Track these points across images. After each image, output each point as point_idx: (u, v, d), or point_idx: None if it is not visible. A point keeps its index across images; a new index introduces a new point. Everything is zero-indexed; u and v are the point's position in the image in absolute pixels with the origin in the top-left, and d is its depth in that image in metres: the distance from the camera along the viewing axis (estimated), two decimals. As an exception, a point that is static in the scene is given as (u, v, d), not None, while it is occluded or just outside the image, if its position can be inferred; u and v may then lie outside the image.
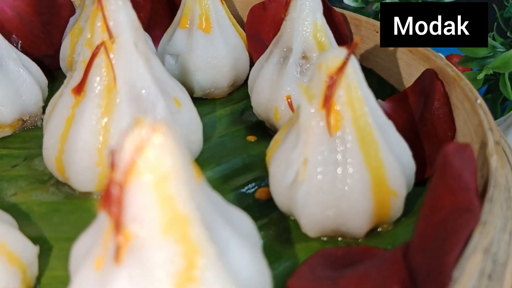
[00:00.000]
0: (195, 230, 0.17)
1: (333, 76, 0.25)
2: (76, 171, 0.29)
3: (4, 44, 0.37)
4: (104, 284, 0.18)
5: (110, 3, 0.27)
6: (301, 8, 0.34)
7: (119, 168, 0.16)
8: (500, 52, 0.58)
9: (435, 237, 0.18)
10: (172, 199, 0.17)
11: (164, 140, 0.16)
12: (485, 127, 0.26)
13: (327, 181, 0.26)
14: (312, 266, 0.23)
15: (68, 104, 0.29)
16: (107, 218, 0.17)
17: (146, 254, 0.17)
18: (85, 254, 0.19)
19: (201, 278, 0.17)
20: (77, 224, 0.29)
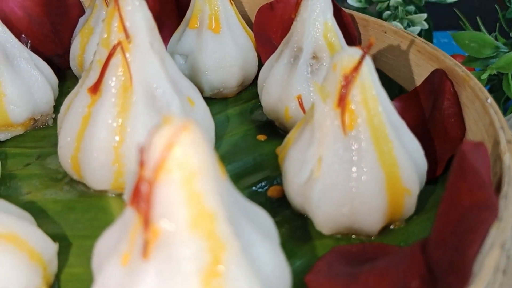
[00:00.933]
0: (220, 226, 0.18)
1: (348, 76, 0.25)
2: (92, 170, 0.29)
3: (16, 44, 0.38)
4: (131, 280, 0.18)
5: (127, 4, 0.27)
6: (312, 8, 0.35)
7: (149, 165, 0.17)
8: (503, 53, 0.59)
9: (455, 233, 0.18)
10: (200, 196, 0.17)
11: (193, 138, 0.16)
12: (496, 126, 0.27)
13: (342, 179, 0.26)
14: (328, 263, 0.23)
15: (84, 103, 0.29)
16: (134, 215, 0.18)
17: (174, 249, 0.17)
18: (110, 250, 0.20)
19: (226, 273, 0.18)
20: (93, 222, 0.30)
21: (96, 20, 0.41)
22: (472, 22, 0.68)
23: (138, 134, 0.29)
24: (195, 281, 0.18)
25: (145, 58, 0.29)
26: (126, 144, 0.29)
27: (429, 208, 0.29)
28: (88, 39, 0.41)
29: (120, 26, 0.27)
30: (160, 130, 0.17)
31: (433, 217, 0.29)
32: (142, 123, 0.29)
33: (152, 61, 0.29)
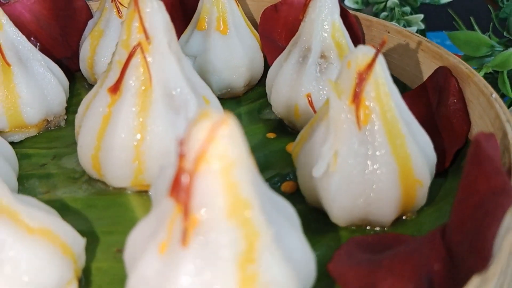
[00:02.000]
0: (255, 214, 0.19)
1: (362, 73, 0.26)
2: (113, 167, 0.30)
3: (29, 47, 0.38)
4: (170, 267, 0.19)
5: (147, 6, 0.28)
6: (320, 9, 0.36)
7: (189, 157, 0.18)
8: (498, 51, 0.60)
9: (474, 217, 0.19)
10: (236, 185, 0.18)
11: (231, 131, 0.17)
12: (502, 119, 0.28)
13: (357, 172, 0.27)
14: (348, 252, 0.24)
15: (104, 103, 0.30)
16: (172, 206, 0.19)
17: (212, 237, 0.18)
18: (146, 241, 0.20)
19: (259, 259, 0.19)
20: (114, 218, 0.31)
21: (106, 22, 0.42)
22: (464, 22, 0.70)
23: (157, 132, 0.30)
24: (232, 267, 0.18)
25: (164, 58, 0.30)
26: (146, 142, 0.29)
27: (439, 199, 0.31)
28: (98, 41, 0.42)
29: (140, 28, 0.28)
30: (199, 124, 0.18)
31: (442, 208, 0.30)
32: (161, 122, 0.30)
33: (170, 62, 0.30)
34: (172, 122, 0.30)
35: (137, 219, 0.30)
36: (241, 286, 0.19)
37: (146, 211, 0.31)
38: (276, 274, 0.19)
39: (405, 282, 0.20)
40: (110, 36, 0.42)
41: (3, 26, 0.37)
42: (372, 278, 0.21)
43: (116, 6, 0.41)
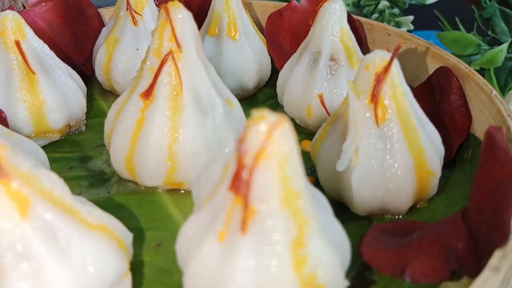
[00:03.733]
0: (304, 204, 0.21)
1: (379, 75, 0.29)
2: (147, 167, 0.32)
3: (51, 55, 0.40)
4: (230, 252, 0.21)
5: (177, 16, 0.30)
6: (330, 16, 0.38)
7: (248, 154, 0.20)
8: (484, 50, 0.64)
9: (491, 201, 0.22)
10: (288, 178, 0.20)
11: (285, 130, 0.20)
12: (504, 114, 0.31)
13: (377, 165, 0.30)
14: (374, 237, 0.27)
15: (137, 108, 0.32)
16: (231, 198, 0.21)
17: (268, 224, 0.21)
18: (201, 232, 0.23)
19: (308, 243, 0.21)
20: (148, 215, 0.32)
21: (121, 30, 0.44)
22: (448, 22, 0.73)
23: (188, 133, 0.32)
24: (285, 250, 0.21)
25: (192, 65, 0.32)
26: (179, 142, 0.32)
27: (447, 189, 0.33)
28: (114, 48, 0.44)
29: (172, 37, 0.30)
30: (258, 124, 0.20)
31: (451, 197, 0.33)
32: (191, 123, 0.32)
33: (198, 68, 0.32)
34: (201, 123, 0.32)
35: (170, 216, 0.33)
36: (294, 267, 0.21)
37: (179, 207, 0.33)
38: (323, 256, 0.22)
39: (434, 259, 0.22)
40: (125, 43, 0.43)
41: (25, 35, 0.38)
42: (403, 258, 0.23)
43: (131, 14, 0.43)
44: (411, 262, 0.23)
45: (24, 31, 0.38)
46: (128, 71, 0.44)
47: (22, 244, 0.21)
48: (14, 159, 0.21)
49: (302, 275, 0.21)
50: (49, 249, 0.21)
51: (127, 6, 0.43)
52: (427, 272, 0.22)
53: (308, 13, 0.50)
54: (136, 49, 0.43)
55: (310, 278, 0.21)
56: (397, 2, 0.73)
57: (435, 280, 0.22)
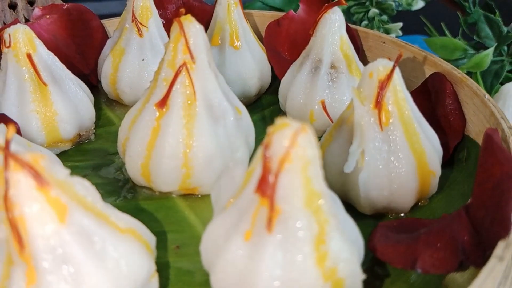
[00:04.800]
0: (324, 203, 0.23)
1: (383, 82, 0.31)
2: (163, 174, 0.33)
3: (61, 66, 0.41)
4: (256, 250, 0.23)
5: (190, 29, 0.32)
6: (330, 26, 0.40)
7: (273, 158, 0.22)
8: (471, 54, 0.67)
9: (492, 196, 0.24)
10: (310, 180, 0.22)
11: (308, 136, 0.22)
12: (497, 116, 0.33)
13: (382, 167, 0.32)
14: (382, 233, 0.29)
15: (153, 117, 0.33)
16: (256, 200, 0.23)
17: (292, 223, 0.22)
18: (227, 232, 0.24)
19: (329, 240, 0.23)
20: (165, 219, 0.34)
21: (127, 41, 0.45)
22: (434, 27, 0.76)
23: (202, 140, 0.33)
24: (308, 247, 0.23)
25: (205, 75, 0.33)
26: (193, 149, 0.33)
27: (446, 187, 0.36)
28: (120, 59, 0.45)
29: (186, 49, 0.32)
30: (282, 131, 0.21)
31: (449, 194, 0.35)
32: (205, 131, 0.33)
33: (210, 78, 0.34)
34: (214, 130, 0.34)
35: (187, 219, 0.34)
36: (316, 262, 0.23)
37: (194, 211, 0.35)
38: (342, 251, 0.23)
39: (442, 252, 0.24)
40: (131, 54, 0.45)
41: (36, 47, 0.40)
42: (413, 252, 0.25)
43: (137, 26, 0.45)
44: (421, 255, 0.25)
45: (35, 43, 0.39)
46: (135, 81, 0.45)
47: (61, 248, 0.22)
48: (52, 168, 0.22)
49: (324, 269, 0.23)
50: (86, 252, 0.23)
51: (132, 18, 0.44)
52: (437, 264, 0.24)
53: (305, 23, 0.52)
54: (142, 59, 0.45)
55: (331, 272, 0.23)
56: (386, 9, 0.75)
57: (444, 271, 0.24)
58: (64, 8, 0.49)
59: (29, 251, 0.22)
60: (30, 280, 0.22)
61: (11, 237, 0.22)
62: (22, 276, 0.22)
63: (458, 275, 0.27)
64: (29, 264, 0.22)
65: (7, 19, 0.55)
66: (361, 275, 0.24)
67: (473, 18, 0.74)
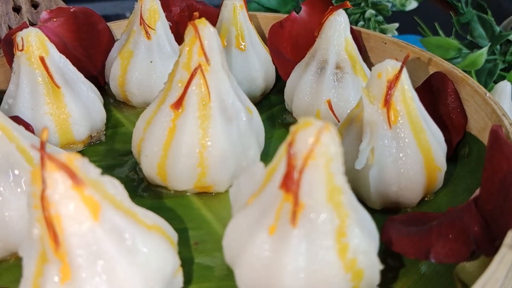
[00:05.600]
0: (344, 198, 0.24)
1: (391, 82, 0.32)
2: (179, 173, 0.34)
3: (73, 69, 0.42)
4: (281, 243, 0.24)
5: (205, 32, 0.33)
6: (335, 27, 0.42)
7: (297, 156, 0.23)
8: (465, 53, 0.69)
9: (500, 189, 0.26)
10: (332, 176, 0.23)
11: (330, 134, 0.23)
12: (499, 114, 0.35)
13: (391, 163, 0.33)
14: (394, 226, 0.30)
15: (168, 118, 0.34)
16: (280, 195, 0.24)
17: (315, 217, 0.23)
18: (250, 227, 0.25)
19: (349, 232, 0.24)
20: (182, 217, 0.35)
21: (135, 44, 0.46)
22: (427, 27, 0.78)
23: (217, 139, 0.34)
24: (330, 239, 0.24)
25: (219, 76, 0.34)
26: (209, 148, 0.34)
27: (450, 182, 0.37)
28: (129, 61, 0.46)
29: (201, 52, 0.33)
30: (306, 130, 0.23)
31: (453, 189, 0.37)
32: (219, 131, 0.34)
33: (223, 79, 0.35)
34: (228, 130, 0.35)
35: (203, 216, 0.35)
36: (338, 254, 0.24)
37: (209, 209, 0.36)
38: (361, 243, 0.25)
39: (454, 242, 0.26)
40: (139, 56, 0.46)
41: (49, 51, 0.40)
42: (426, 243, 0.27)
43: (145, 29, 0.45)
44: (434, 246, 0.26)
45: (47, 47, 0.40)
46: (143, 82, 0.46)
47: (95, 245, 0.23)
48: (84, 168, 0.23)
49: (346, 260, 0.24)
50: (118, 249, 0.24)
51: (140, 21, 0.45)
52: (449, 254, 0.26)
53: (307, 24, 0.53)
54: (150, 61, 0.46)
55: (352, 263, 0.24)
56: (382, 10, 0.77)
57: (457, 260, 0.26)
58: (71, 11, 0.50)
59: (64, 248, 0.22)
60: (64, 276, 0.23)
61: (47, 235, 0.22)
62: (56, 273, 0.23)
63: (467, 264, 0.28)
64: (64, 261, 0.23)
65: (12, 22, 0.55)
66: (379, 266, 0.25)
67: (466, 18, 0.76)
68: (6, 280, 0.31)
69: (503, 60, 0.69)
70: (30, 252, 0.24)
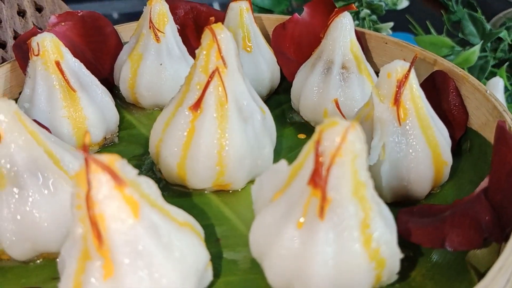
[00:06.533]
0: (368, 192, 0.26)
1: (400, 81, 0.34)
2: (199, 172, 0.36)
3: (88, 73, 0.43)
4: (310, 236, 0.25)
5: (222, 36, 0.34)
6: (341, 29, 0.43)
7: (325, 153, 0.24)
8: (457, 51, 0.71)
9: (508, 181, 0.28)
10: (357, 172, 0.25)
11: (356, 132, 0.24)
12: (500, 110, 0.37)
13: (402, 159, 0.35)
14: (407, 218, 0.32)
15: (187, 120, 0.36)
16: (308, 191, 0.25)
17: (341, 211, 0.25)
18: (278, 222, 0.27)
19: (372, 224, 0.26)
20: (203, 214, 0.36)
21: (145, 47, 0.47)
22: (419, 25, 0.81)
23: (234, 139, 0.36)
24: (356, 230, 0.25)
25: (235, 78, 0.36)
26: (227, 148, 0.35)
27: (454, 176, 0.39)
28: (139, 64, 0.47)
29: (218, 55, 0.34)
30: (333, 128, 0.24)
31: (458, 182, 0.39)
32: (236, 131, 0.36)
33: (239, 81, 0.36)
34: (244, 130, 0.36)
35: (223, 213, 0.37)
36: (363, 244, 0.26)
37: (228, 206, 0.37)
38: (383, 234, 0.26)
39: (467, 230, 0.28)
40: (149, 59, 0.47)
41: (64, 55, 0.41)
42: (440, 232, 0.28)
43: (154, 32, 0.46)
44: (448, 235, 0.28)
45: (62, 51, 0.41)
46: (153, 85, 0.47)
47: (136, 241, 0.24)
48: (124, 168, 0.24)
49: (370, 250, 0.26)
50: (157, 245, 0.25)
51: (150, 24, 0.46)
52: (463, 242, 0.27)
53: (309, 25, 0.55)
54: (160, 64, 0.47)
55: (376, 253, 0.26)
56: (376, 9, 0.79)
57: (470, 247, 0.28)
58: (79, 15, 0.50)
59: (107, 245, 0.24)
60: (107, 272, 0.24)
61: (90, 233, 0.24)
62: (99, 269, 0.24)
63: (478, 251, 0.30)
64: (106, 258, 0.24)
65: (17, 26, 0.56)
66: (399, 254, 0.27)
67: (457, 16, 0.78)
68: (34, 280, 0.32)
69: (493, 56, 0.71)
70: (71, 251, 0.25)
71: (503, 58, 0.70)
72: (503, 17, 0.82)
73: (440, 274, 0.31)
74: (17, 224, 0.31)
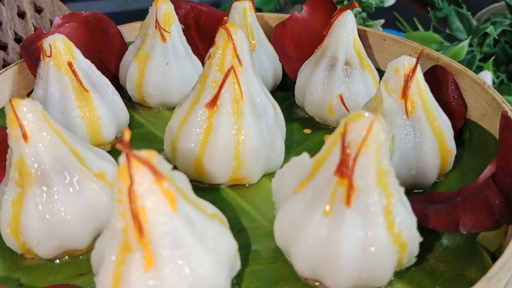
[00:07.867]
0: (390, 180, 0.27)
1: (408, 76, 0.36)
2: (216, 167, 0.37)
3: (99, 73, 0.43)
4: (337, 222, 0.27)
5: (237, 36, 0.36)
6: (344, 26, 0.45)
7: (351, 144, 0.26)
8: (445, 46, 0.74)
9: (515, 167, 0.30)
10: (381, 161, 0.27)
11: (380, 124, 0.26)
12: (499, 101, 0.39)
13: (410, 149, 0.37)
14: (419, 205, 0.34)
15: (204, 117, 0.37)
16: (334, 181, 0.27)
17: (366, 198, 0.27)
18: (304, 211, 0.28)
19: (395, 210, 0.28)
20: (221, 208, 0.36)
21: (151, 47, 0.48)
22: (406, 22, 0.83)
23: (249, 134, 0.37)
24: (381, 217, 0.27)
25: (249, 76, 0.37)
26: (243, 143, 0.37)
27: (457, 165, 0.41)
28: (146, 63, 0.48)
29: (234, 54, 0.35)
30: (359, 120, 0.26)
31: (461, 170, 0.41)
32: (251, 127, 0.37)
33: (253, 78, 0.37)
34: (258, 125, 0.38)
35: (240, 206, 0.38)
36: (387, 229, 0.27)
37: (244, 199, 0.38)
38: (404, 219, 0.28)
39: (479, 213, 0.29)
40: (156, 58, 0.47)
41: (75, 56, 0.42)
42: (453, 216, 0.30)
43: (160, 32, 0.47)
44: (462, 219, 0.30)
45: (73, 52, 0.42)
46: (160, 84, 0.48)
47: (174, 233, 0.25)
48: (160, 163, 0.25)
49: (393, 234, 0.27)
50: (193, 235, 0.26)
51: (156, 24, 0.47)
52: (476, 224, 0.29)
53: (308, 24, 0.56)
54: (167, 63, 0.48)
55: (398, 237, 0.28)
56: (366, 7, 0.81)
57: (483, 229, 0.30)
58: (83, 16, 0.51)
59: (148, 237, 0.25)
60: (148, 263, 0.25)
61: (131, 226, 0.25)
62: (140, 260, 0.25)
63: (488, 233, 0.32)
64: (147, 249, 0.25)
65: (17, 28, 0.55)
66: (419, 238, 0.29)
67: (443, 12, 0.81)
68: (61, 277, 0.33)
69: (479, 51, 0.74)
70: (109, 244, 0.26)
71: (489, 52, 0.73)
72: (486, 13, 0.85)
73: (452, 256, 0.33)
74: (45, 223, 0.31)
